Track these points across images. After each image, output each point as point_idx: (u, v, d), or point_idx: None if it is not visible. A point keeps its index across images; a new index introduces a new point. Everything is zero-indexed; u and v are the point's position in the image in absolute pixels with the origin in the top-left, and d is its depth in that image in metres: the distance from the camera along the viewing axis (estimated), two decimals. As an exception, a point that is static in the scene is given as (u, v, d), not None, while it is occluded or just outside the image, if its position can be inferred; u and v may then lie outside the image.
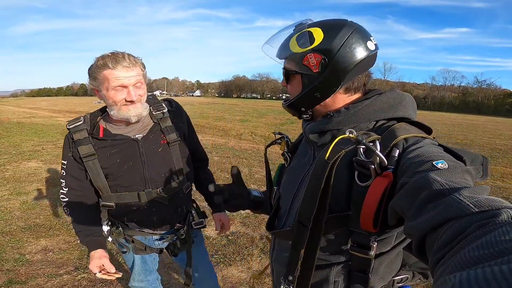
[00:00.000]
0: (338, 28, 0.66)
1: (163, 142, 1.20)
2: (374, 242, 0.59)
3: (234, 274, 2.37)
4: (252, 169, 5.30)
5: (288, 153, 0.90)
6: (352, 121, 0.68)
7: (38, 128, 10.18)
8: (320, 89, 0.68)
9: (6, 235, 2.78)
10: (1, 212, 3.24)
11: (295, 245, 0.67)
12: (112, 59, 1.03)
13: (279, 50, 0.74)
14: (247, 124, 12.80)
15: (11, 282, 2.13)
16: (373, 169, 0.56)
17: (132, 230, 1.26)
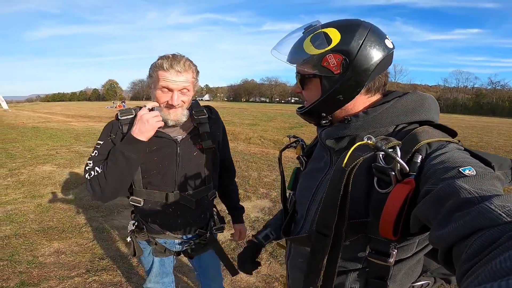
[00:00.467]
0: (355, 28, 0.64)
1: (199, 147, 1.23)
2: (394, 249, 0.57)
3: (243, 278, 2.36)
4: (261, 173, 5.30)
5: (304, 157, 0.88)
6: (371, 126, 0.65)
7: (53, 132, 10.46)
8: (343, 91, 0.65)
9: (20, 238, 2.83)
10: (16, 215, 3.31)
11: (315, 254, 0.65)
12: (169, 61, 1.07)
13: (292, 54, 0.70)
14: (256, 128, 12.82)
15: (24, 284, 2.16)
16: (393, 176, 0.54)
17: (156, 232, 1.27)
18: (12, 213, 3.34)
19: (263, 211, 3.65)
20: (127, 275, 2.31)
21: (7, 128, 11.74)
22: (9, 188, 4.20)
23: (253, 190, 4.36)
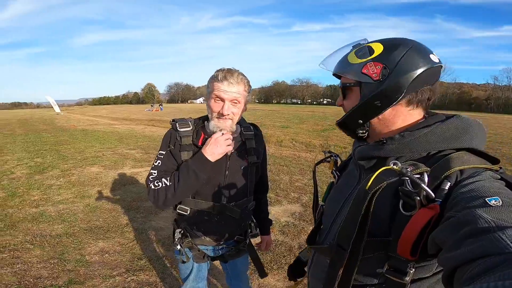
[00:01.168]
0: (398, 42, 0.67)
1: (245, 161, 1.30)
2: (412, 268, 0.59)
3: (270, 282, 2.36)
4: (292, 177, 5.23)
5: (337, 172, 0.91)
6: (405, 150, 0.65)
7: (99, 135, 11.34)
8: (381, 97, 0.66)
9: (70, 236, 3.04)
10: (67, 214, 3.60)
11: (334, 265, 0.68)
12: (224, 74, 1.15)
13: (337, 65, 0.74)
14: (288, 130, 12.69)
15: (71, 282, 2.30)
16: (418, 201, 0.55)
17: (199, 239, 1.34)
18: (63, 212, 3.66)
19: (294, 215, 3.60)
20: (161, 276, 2.41)
21: (59, 131, 12.99)
22: (61, 188, 4.61)
23: (284, 194, 4.32)
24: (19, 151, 7.80)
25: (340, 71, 0.73)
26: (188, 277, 1.44)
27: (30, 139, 10.25)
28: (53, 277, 2.34)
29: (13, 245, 2.81)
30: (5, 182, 4.88)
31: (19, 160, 6.60)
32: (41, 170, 5.67)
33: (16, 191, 4.41)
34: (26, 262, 2.52)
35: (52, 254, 2.67)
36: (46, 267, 2.46)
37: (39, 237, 2.97)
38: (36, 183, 4.80)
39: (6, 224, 3.26)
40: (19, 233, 3.07)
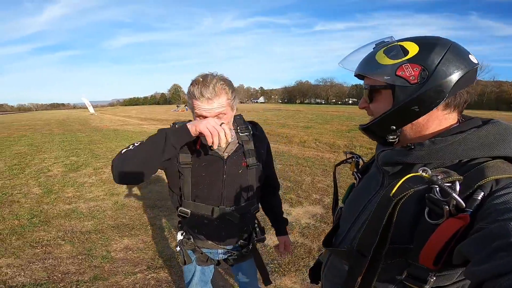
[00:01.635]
0: (434, 42, 0.61)
1: (243, 164, 1.26)
2: (433, 277, 0.57)
3: (287, 284, 2.33)
4: (315, 178, 5.14)
5: (358, 174, 0.88)
6: (436, 157, 0.61)
7: (129, 134, 11.89)
8: (420, 102, 0.61)
9: (98, 233, 3.16)
10: (97, 211, 3.77)
11: (352, 271, 0.66)
12: (199, 88, 1.07)
13: (362, 65, 0.68)
14: (311, 130, 12.47)
15: (96, 278, 2.38)
16: (447, 210, 0.53)
17: (202, 242, 1.34)
18: (93, 209, 3.85)
19: (315, 217, 3.53)
20: (180, 274, 2.44)
21: (93, 131, 13.78)
22: (93, 186, 4.86)
23: (306, 195, 4.25)
24: (56, 149, 8.36)
25: (367, 72, 0.67)
26: (191, 280, 1.43)
27: (66, 138, 10.96)
28: (79, 273, 2.45)
29: (46, 240, 2.98)
30: (42, 179, 5.24)
31: (56, 158, 7.07)
32: (76, 168, 6.02)
33: (52, 188, 4.71)
34: (56, 258, 2.66)
35: (81, 250, 2.81)
36: (74, 263, 2.58)
37: (70, 233, 3.14)
38: (70, 181, 5.10)
39: (41, 220, 3.49)
40: (52, 229, 3.26)
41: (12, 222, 3.39)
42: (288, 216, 3.60)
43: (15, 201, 4.09)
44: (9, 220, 3.44)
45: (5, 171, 5.80)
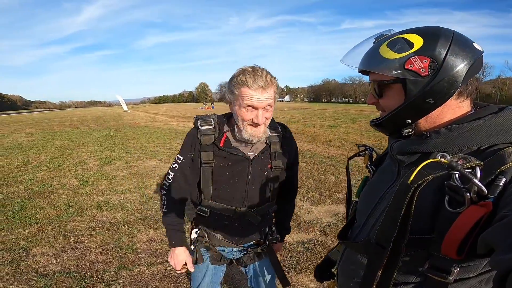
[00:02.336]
0: (437, 32, 0.61)
1: (269, 166, 1.23)
2: (456, 268, 0.55)
3: (304, 282, 2.32)
4: (339, 177, 5.03)
5: (372, 166, 0.87)
6: (453, 144, 0.60)
7: (158, 131, 12.37)
8: (434, 94, 0.60)
9: (126, 224, 3.30)
10: (126, 203, 3.95)
11: (372, 265, 0.64)
12: (251, 77, 1.04)
13: (366, 61, 0.67)
14: (337, 130, 12.14)
15: (121, 267, 2.48)
16: (468, 197, 0.51)
17: (218, 240, 1.31)
18: (123, 201, 4.04)
19: (337, 216, 3.46)
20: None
21: (126, 127, 14.51)
22: (124, 179, 5.11)
23: (329, 194, 4.19)
24: (92, 144, 8.91)
25: (372, 67, 0.66)
26: (202, 281, 1.38)
27: (102, 134, 11.66)
28: (106, 262, 2.57)
29: (79, 230, 3.17)
30: (79, 172, 5.61)
31: (92, 152, 7.54)
32: (109, 162, 6.37)
33: (88, 180, 5.02)
34: (86, 247, 2.82)
35: (109, 240, 2.96)
36: (102, 253, 2.72)
37: (101, 224, 3.32)
38: (104, 174, 5.41)
39: (76, 210, 3.72)
40: (85, 219, 3.47)
41: (49, 212, 3.65)
42: (309, 214, 3.56)
43: (54, 192, 4.41)
44: (47, 210, 3.72)
45: (46, 163, 6.29)
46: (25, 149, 8.15)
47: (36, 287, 2.18)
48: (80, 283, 2.24)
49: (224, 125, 1.22)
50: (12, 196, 4.17)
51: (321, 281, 1.05)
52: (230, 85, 1.10)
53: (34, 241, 2.86)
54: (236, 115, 1.12)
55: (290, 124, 14.77)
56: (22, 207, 3.74)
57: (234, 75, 1.10)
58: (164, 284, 2.29)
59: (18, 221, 3.33)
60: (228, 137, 1.21)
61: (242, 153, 1.18)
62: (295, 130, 11.67)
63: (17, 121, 22.69)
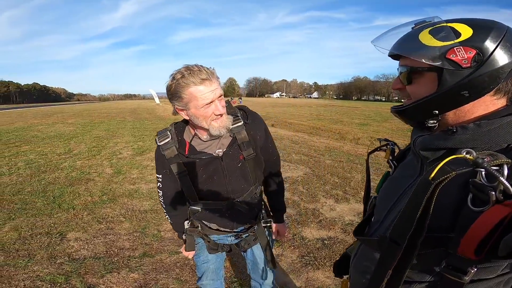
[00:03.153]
0: (490, 25, 0.57)
1: (241, 157, 1.24)
2: (474, 268, 0.53)
3: (319, 278, 2.31)
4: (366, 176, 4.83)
5: (393, 161, 0.85)
6: (481, 141, 0.57)
7: (185, 125, 12.76)
8: (471, 87, 0.57)
9: (153, 213, 3.42)
10: (154, 192, 4.07)
11: (383, 262, 0.62)
12: (192, 74, 1.03)
13: (401, 45, 0.63)
14: (367, 128, 11.69)
15: (145, 254, 2.58)
16: (492, 195, 0.49)
17: (210, 230, 1.37)
18: (152, 190, 4.24)
19: (360, 215, 3.37)
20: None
21: (158, 119, 15.17)
22: (154, 169, 5.31)
23: (354, 192, 4.09)
24: (127, 135, 9.45)
25: (408, 52, 0.62)
26: (206, 269, 1.47)
27: (136, 125, 12.30)
28: (132, 249, 2.71)
29: (111, 217, 3.38)
30: (114, 161, 5.97)
31: (127, 143, 7.99)
32: (141, 152, 6.71)
33: (121, 169, 5.33)
34: (116, 234, 2.99)
35: (137, 227, 3.12)
36: (129, 239, 2.88)
37: (130, 211, 3.51)
38: (136, 163, 5.71)
39: (109, 197, 3.97)
40: (117, 206, 3.70)
41: (86, 198, 3.93)
42: (331, 211, 3.50)
43: (91, 179, 4.74)
44: (84, 196, 4.00)
45: (85, 152, 6.78)
46: (67, 138, 8.85)
47: (67, 271, 2.33)
48: (107, 268, 2.39)
49: (183, 133, 1.23)
50: (54, 182, 4.55)
51: (340, 276, 1.04)
52: (175, 93, 1.07)
53: (70, 226, 3.10)
54: (196, 118, 1.10)
55: (317, 121, 14.48)
56: (62, 193, 4.06)
57: (171, 83, 1.06)
58: (183, 272, 2.38)
59: (57, 206, 3.63)
60: (191, 143, 1.21)
61: (210, 155, 1.19)
62: (322, 127, 11.43)
63: (61, 112, 24.69)
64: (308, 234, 2.94)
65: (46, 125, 12.77)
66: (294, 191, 4.17)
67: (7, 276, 2.23)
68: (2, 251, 2.56)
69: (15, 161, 5.85)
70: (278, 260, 2.54)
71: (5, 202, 3.68)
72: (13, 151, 6.77)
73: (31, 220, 3.19)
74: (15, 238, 2.80)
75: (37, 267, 2.36)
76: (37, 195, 3.95)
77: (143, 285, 2.20)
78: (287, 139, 8.44)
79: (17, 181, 4.55)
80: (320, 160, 5.91)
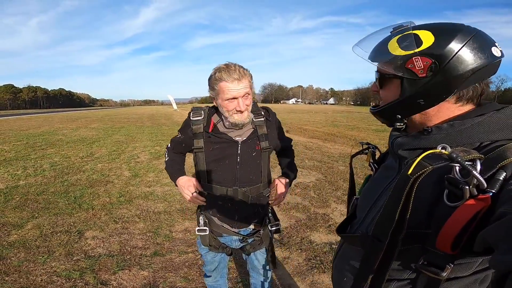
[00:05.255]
0: (454, 32, 0.58)
1: (257, 148, 1.35)
2: (451, 264, 0.54)
3: (325, 281, 2.30)
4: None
5: (374, 164, 0.89)
6: (455, 140, 0.59)
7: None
8: (425, 96, 0.61)
9: (166, 214, 3.55)
10: (169, 195, 4.30)
11: (368, 258, 0.64)
12: (226, 72, 1.20)
13: (374, 52, 0.68)
14: (385, 134, 11.37)
15: (156, 253, 2.68)
16: (466, 190, 0.50)
17: (217, 226, 1.43)
18: (167, 193, 4.37)
19: None
20: (228, 258, 2.58)
21: (175, 124, 15.54)
22: (168, 173, 5.51)
23: None
24: (145, 140, 9.76)
25: (377, 59, 0.67)
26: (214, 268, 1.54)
27: (154, 131, 12.67)
28: (144, 248, 2.81)
29: (126, 217, 3.51)
30: (132, 164, 6.19)
31: (144, 147, 8.25)
32: (158, 156, 6.91)
33: (138, 172, 5.52)
34: (130, 233, 3.11)
35: (150, 228, 3.23)
36: (142, 239, 2.98)
37: (145, 212, 3.64)
38: (152, 167, 5.89)
39: (126, 199, 4.13)
40: (133, 207, 3.84)
41: (104, 199, 4.11)
42: (342, 216, 3.45)
43: (110, 181, 4.95)
44: (103, 197, 4.19)
45: (106, 155, 7.08)
46: (89, 142, 9.26)
47: (82, 267, 2.45)
48: (120, 266, 2.49)
49: (213, 114, 1.37)
50: (75, 184, 4.79)
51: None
52: (210, 84, 1.26)
53: (88, 225, 3.25)
54: (221, 107, 1.26)
55: (332, 127, 14.30)
56: (83, 194, 4.27)
57: (211, 74, 1.25)
58: (191, 271, 2.44)
59: (77, 206, 3.81)
60: (216, 124, 1.35)
61: (230, 137, 1.31)
62: (338, 133, 11.29)
63: (84, 117, 25.86)
64: (316, 238, 2.94)
65: (70, 129, 13.43)
66: (305, 196, 4.15)
67: (25, 271, 2.37)
68: (23, 248, 2.73)
69: (40, 163, 6.20)
70: (284, 263, 2.55)
71: (30, 202, 3.92)
72: (39, 154, 7.19)
73: (52, 219, 3.38)
74: (37, 235, 2.97)
75: (55, 263, 2.49)
76: (59, 196, 4.17)
77: (152, 282, 2.28)
78: (300, 145, 8.40)
79: (42, 182, 4.82)
80: (333, 166, 5.85)
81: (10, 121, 20.46)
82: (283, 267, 2.48)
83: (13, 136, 10.65)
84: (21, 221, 3.29)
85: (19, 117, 27.39)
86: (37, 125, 15.98)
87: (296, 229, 3.15)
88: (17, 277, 2.29)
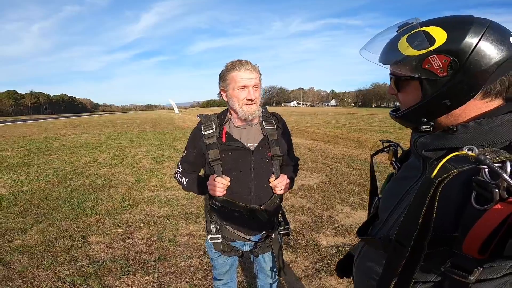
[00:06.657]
0: (466, 25, 0.55)
1: (269, 154, 1.35)
2: (479, 268, 0.51)
3: (332, 284, 2.28)
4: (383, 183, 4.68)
5: (397, 163, 0.85)
6: (483, 139, 0.56)
7: (203, 134, 13.02)
8: (451, 96, 0.57)
9: (170, 219, 3.55)
10: (172, 200, 4.28)
11: (391, 264, 0.61)
12: (239, 63, 1.27)
13: (385, 54, 0.64)
14: (387, 135, 11.35)
15: (160, 258, 2.67)
16: (496, 193, 0.47)
17: (229, 233, 1.41)
18: (170, 198, 4.35)
19: None
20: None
21: (177, 129, 15.57)
22: (172, 177, 5.49)
23: None
24: (148, 144, 9.77)
25: (389, 62, 0.63)
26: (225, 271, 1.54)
27: (156, 135, 12.69)
28: (149, 253, 2.79)
29: (130, 222, 3.49)
30: (135, 169, 6.19)
31: (147, 152, 8.25)
32: (161, 161, 6.91)
33: (141, 177, 5.51)
34: (134, 238, 3.09)
35: (154, 232, 3.20)
36: (146, 244, 2.96)
37: (149, 217, 3.61)
38: (155, 172, 5.88)
39: (129, 203, 4.12)
40: (136, 212, 3.82)
41: (108, 204, 4.10)
42: (347, 218, 3.43)
43: (113, 186, 4.94)
44: (106, 202, 4.17)
45: (109, 160, 7.08)
46: (92, 147, 9.29)
47: (86, 272, 2.43)
48: (124, 271, 2.46)
49: (223, 121, 1.38)
50: (79, 189, 4.78)
51: (341, 276, 1.04)
52: (221, 76, 1.31)
53: (92, 230, 3.23)
54: (232, 98, 1.29)
55: (334, 129, 14.27)
56: (86, 199, 4.26)
57: (223, 69, 1.31)
58: (196, 276, 2.41)
59: (81, 211, 3.80)
60: (229, 131, 1.35)
61: (243, 145, 1.32)
62: (340, 135, 11.25)
63: (87, 122, 25.99)
64: (322, 240, 2.91)
65: (73, 135, 13.48)
66: (310, 198, 4.11)
67: (30, 277, 2.35)
68: (27, 253, 2.71)
69: (44, 168, 6.21)
70: (291, 266, 2.52)
71: (33, 207, 3.91)
72: (42, 160, 7.20)
73: (56, 224, 3.36)
74: (40, 241, 2.95)
75: (59, 269, 2.47)
76: (63, 201, 4.16)
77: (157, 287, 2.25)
78: (303, 147, 8.37)
79: (45, 188, 4.82)
80: (337, 168, 5.81)
81: (13, 127, 20.60)
82: (290, 271, 2.45)
83: (16, 142, 10.70)
84: (24, 227, 3.28)
85: (22, 123, 27.59)
86: (40, 131, 16.07)
87: (302, 232, 3.11)
88: (21, 282, 2.27)
